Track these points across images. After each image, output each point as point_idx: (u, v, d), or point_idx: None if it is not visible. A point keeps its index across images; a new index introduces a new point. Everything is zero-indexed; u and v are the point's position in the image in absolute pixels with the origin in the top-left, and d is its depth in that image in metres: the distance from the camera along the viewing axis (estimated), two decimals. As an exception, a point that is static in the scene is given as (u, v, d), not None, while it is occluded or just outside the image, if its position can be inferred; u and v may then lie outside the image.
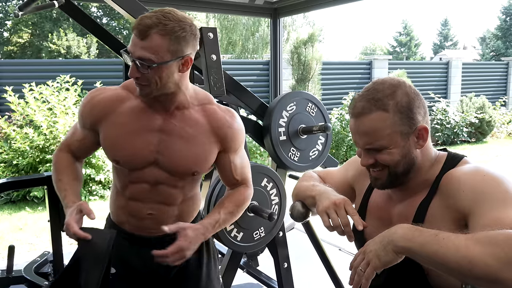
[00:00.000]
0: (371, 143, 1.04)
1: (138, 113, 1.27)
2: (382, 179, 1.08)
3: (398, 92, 1.02)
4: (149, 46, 1.13)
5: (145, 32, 1.13)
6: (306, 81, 8.07)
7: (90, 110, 1.30)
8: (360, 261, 0.96)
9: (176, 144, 1.28)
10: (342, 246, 3.45)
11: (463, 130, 9.64)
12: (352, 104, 1.06)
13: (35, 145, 5.23)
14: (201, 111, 1.31)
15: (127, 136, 1.27)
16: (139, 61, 1.14)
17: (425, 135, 1.04)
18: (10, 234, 4.23)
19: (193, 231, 1.23)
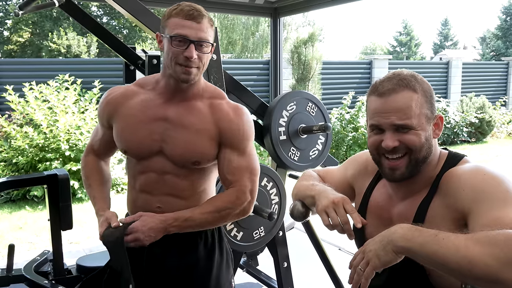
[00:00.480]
0: (403, 119, 1.01)
1: (146, 104, 1.34)
2: (401, 169, 1.04)
3: (419, 79, 1.06)
4: (205, 29, 1.26)
5: (200, 16, 1.24)
6: (306, 80, 8.07)
7: (104, 107, 1.40)
8: (359, 260, 0.96)
9: (178, 133, 1.32)
10: (342, 246, 3.45)
11: (463, 130, 9.64)
12: (376, 86, 1.06)
13: (35, 143, 5.24)
14: (208, 104, 1.35)
15: (134, 126, 1.34)
16: (202, 41, 1.25)
17: (441, 124, 1.07)
18: (10, 233, 4.23)
19: (150, 217, 1.27)
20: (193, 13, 1.23)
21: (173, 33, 1.23)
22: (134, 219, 1.28)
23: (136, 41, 19.95)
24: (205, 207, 1.33)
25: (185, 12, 1.23)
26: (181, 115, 1.32)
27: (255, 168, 1.38)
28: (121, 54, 2.66)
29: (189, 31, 1.23)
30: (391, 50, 35.17)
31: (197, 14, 1.24)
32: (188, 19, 1.23)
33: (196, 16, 1.24)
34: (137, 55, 2.69)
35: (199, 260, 1.38)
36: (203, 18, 1.25)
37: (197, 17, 1.24)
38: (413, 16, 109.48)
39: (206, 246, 1.40)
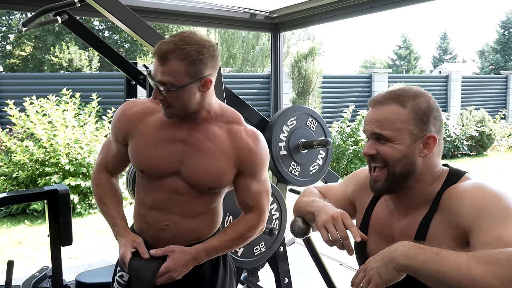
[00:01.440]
0: (381, 129, 1.05)
1: (164, 124, 1.32)
2: (381, 181, 1.08)
3: (421, 98, 1.05)
4: (168, 71, 1.19)
5: (164, 57, 1.19)
6: (307, 94, 8.10)
7: (121, 124, 1.36)
8: (361, 279, 0.95)
9: (196, 156, 1.31)
10: (343, 261, 3.42)
11: (464, 143, 9.65)
12: (372, 97, 1.10)
13: (35, 158, 5.24)
14: (226, 129, 1.34)
15: (152, 145, 1.32)
16: (160, 85, 1.21)
17: (432, 144, 1.04)
18: (9, 248, 4.21)
19: (182, 254, 1.29)
20: (157, 54, 1.20)
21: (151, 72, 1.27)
22: (165, 253, 1.29)
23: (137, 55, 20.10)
24: (230, 234, 1.37)
25: (155, 51, 1.22)
26: (199, 139, 1.31)
27: (269, 190, 1.44)
28: (122, 69, 2.69)
29: (154, 73, 1.23)
30: (391, 64, 35.37)
31: (161, 55, 1.19)
32: (157, 60, 1.21)
33: (160, 56, 1.20)
34: (138, 70, 2.71)
35: (205, 275, 1.40)
36: (166, 60, 1.19)
37: (160, 58, 1.20)
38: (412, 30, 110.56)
39: (211, 262, 1.42)
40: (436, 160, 1.08)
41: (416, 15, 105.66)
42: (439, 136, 1.06)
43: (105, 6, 1.81)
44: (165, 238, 1.34)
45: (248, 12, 3.40)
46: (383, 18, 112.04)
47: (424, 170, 1.07)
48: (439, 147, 1.07)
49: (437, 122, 1.06)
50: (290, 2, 3.16)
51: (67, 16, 2.41)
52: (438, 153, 1.08)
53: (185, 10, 3.06)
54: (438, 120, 1.06)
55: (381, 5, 2.68)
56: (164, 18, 3.16)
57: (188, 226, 1.35)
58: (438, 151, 1.08)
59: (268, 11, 3.44)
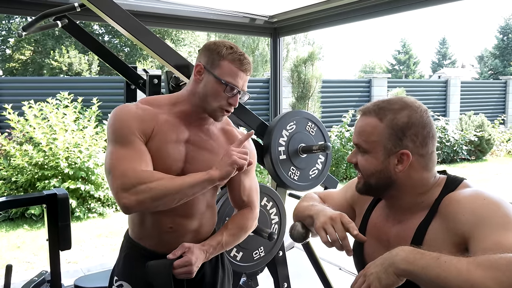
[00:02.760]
0: (359, 140, 1.10)
1: (171, 126, 1.34)
2: (360, 184, 1.14)
3: (404, 112, 1.05)
4: (247, 80, 1.37)
5: (250, 70, 1.34)
6: (306, 99, 8.12)
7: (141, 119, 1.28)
8: (360, 284, 0.95)
9: (202, 155, 1.36)
10: (342, 265, 3.42)
11: (463, 148, 9.66)
12: (365, 104, 1.13)
13: (34, 162, 5.23)
14: (221, 130, 1.44)
15: (166, 145, 1.32)
16: (245, 92, 1.36)
17: (405, 161, 1.04)
18: (7, 252, 4.19)
19: (198, 249, 1.33)
20: (247, 67, 1.32)
21: (227, 80, 1.30)
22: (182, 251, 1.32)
23: (137, 59, 20.14)
24: (231, 229, 1.43)
25: (241, 62, 1.31)
26: (203, 139, 1.38)
27: (258, 186, 1.54)
28: (122, 74, 2.69)
29: (240, 82, 1.32)
30: (390, 69, 35.47)
31: (249, 68, 1.33)
32: (242, 70, 1.31)
33: (248, 70, 1.33)
34: (138, 75, 2.72)
35: (205, 276, 1.44)
36: (251, 71, 1.35)
37: (248, 70, 1.33)
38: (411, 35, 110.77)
39: (211, 263, 1.45)
40: (421, 175, 1.07)
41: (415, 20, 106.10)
42: (423, 151, 1.05)
43: (105, 10, 1.82)
44: (167, 241, 1.35)
45: (248, 16, 3.41)
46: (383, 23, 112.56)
47: (406, 182, 1.07)
48: (425, 161, 1.06)
49: (417, 139, 1.04)
50: (290, 7, 3.17)
51: (67, 21, 2.42)
52: (425, 168, 1.07)
53: (185, 14, 3.08)
54: (419, 137, 1.04)
55: (381, 11, 2.69)
56: (164, 23, 3.18)
57: (190, 227, 1.38)
58: (424, 166, 1.06)
59: (268, 16, 3.46)
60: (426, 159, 1.06)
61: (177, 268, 1.29)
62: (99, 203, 5.57)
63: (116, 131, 1.26)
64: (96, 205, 5.52)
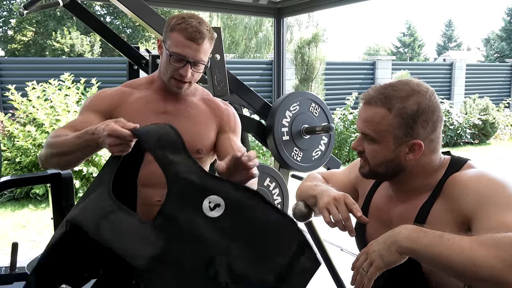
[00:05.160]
0: (366, 129, 1.07)
1: (146, 101, 1.41)
2: (365, 170, 1.12)
3: (412, 99, 1.02)
4: (204, 50, 1.33)
5: (201, 38, 1.31)
6: (309, 81, 8.07)
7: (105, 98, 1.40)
8: (362, 261, 0.95)
9: (181, 123, 1.37)
10: (344, 247, 3.44)
11: (466, 131, 9.61)
12: (368, 91, 1.09)
13: (38, 143, 5.25)
14: (201, 99, 1.49)
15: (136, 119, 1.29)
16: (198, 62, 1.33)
17: (417, 151, 1.03)
18: (13, 231, 4.25)
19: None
20: (195, 36, 1.30)
21: (173, 51, 1.32)
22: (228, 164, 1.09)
23: (139, 40, 19.99)
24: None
25: (188, 32, 1.29)
26: (181, 109, 1.43)
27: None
28: (124, 54, 2.67)
29: (188, 52, 1.31)
30: (395, 51, 35.07)
31: (199, 36, 1.30)
32: (190, 39, 1.30)
33: (197, 38, 1.30)
34: (141, 55, 2.70)
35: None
36: (204, 40, 1.31)
37: (198, 39, 1.30)
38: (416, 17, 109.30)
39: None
40: (430, 158, 1.07)
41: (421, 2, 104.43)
42: (431, 138, 1.05)
43: (107, -12, 1.79)
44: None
45: (251, -4, 3.36)
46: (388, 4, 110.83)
47: (415, 168, 1.07)
48: (434, 145, 1.06)
49: (428, 125, 1.03)
50: (294, -14, 3.13)
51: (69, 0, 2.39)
52: (433, 151, 1.07)
53: (187, -6, 3.04)
54: (429, 122, 1.03)
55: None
56: (167, 3, 3.14)
57: None
58: (432, 150, 1.06)
59: (272, -4, 3.41)
60: (435, 142, 1.06)
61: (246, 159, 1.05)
62: (102, 184, 5.60)
63: (82, 106, 1.43)
64: (100, 186, 5.55)
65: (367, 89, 1.10)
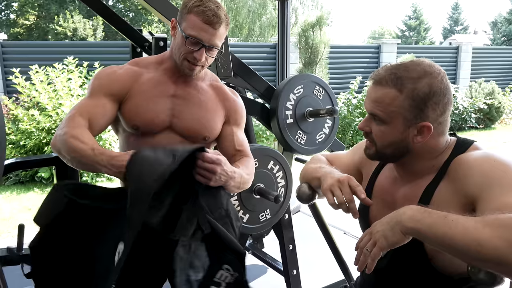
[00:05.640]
0: (375, 110, 1.05)
1: (155, 82, 1.39)
2: (371, 151, 1.11)
3: (424, 81, 1.01)
4: (220, 35, 1.32)
5: (219, 23, 1.29)
6: (314, 64, 8.00)
7: (116, 80, 1.36)
8: (366, 242, 0.96)
9: (190, 109, 1.39)
10: (347, 230, 3.47)
11: (471, 116, 9.55)
12: (375, 72, 1.07)
13: (41, 126, 5.26)
14: (210, 85, 1.47)
15: (148, 101, 1.36)
16: (213, 47, 1.31)
17: (426, 133, 1.03)
18: (19, 214, 4.29)
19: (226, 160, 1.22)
20: (213, 20, 1.28)
21: (189, 33, 1.29)
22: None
23: (142, 24, 19.83)
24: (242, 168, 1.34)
25: (206, 15, 1.27)
26: (190, 93, 1.41)
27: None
28: (127, 36, 2.65)
29: (205, 36, 1.29)
30: (400, 35, 34.68)
31: (216, 20, 1.28)
32: (207, 23, 1.28)
33: (215, 22, 1.28)
34: (144, 37, 2.68)
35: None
36: (221, 24, 1.30)
37: (215, 23, 1.28)
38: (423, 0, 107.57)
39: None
40: (437, 141, 1.06)
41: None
42: (440, 121, 1.04)
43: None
44: None
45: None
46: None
47: (422, 150, 1.06)
48: (442, 127, 1.05)
49: (438, 107, 1.02)
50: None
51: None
52: (441, 134, 1.06)
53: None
54: (440, 105, 1.02)
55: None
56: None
57: None
58: (440, 132, 1.06)
59: (276, -23, 3.35)
60: (443, 125, 1.05)
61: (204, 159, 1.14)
62: (107, 168, 5.63)
63: (90, 86, 1.37)
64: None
65: (377, 68, 1.08)
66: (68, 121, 1.25)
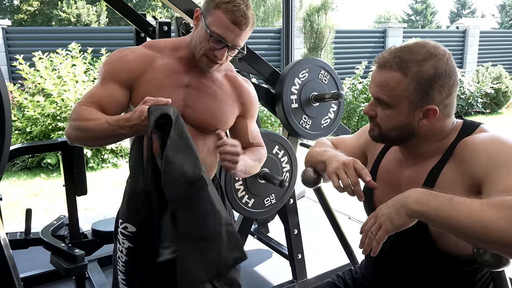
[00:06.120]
0: (380, 94, 1.04)
1: (169, 70, 1.33)
2: (375, 133, 1.11)
3: (429, 63, 0.99)
4: (244, 36, 1.29)
5: (246, 25, 1.26)
6: (319, 49, 7.92)
7: (126, 65, 1.31)
8: (371, 225, 0.96)
9: (204, 100, 1.35)
10: (352, 215, 3.48)
11: (478, 100, 9.46)
12: (379, 55, 1.06)
13: (47, 113, 5.28)
14: (225, 76, 1.42)
15: (158, 90, 1.30)
16: (235, 47, 1.28)
17: (431, 116, 1.02)
18: (26, 199, 4.34)
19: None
20: (241, 21, 1.24)
21: (214, 31, 1.24)
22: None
23: (146, 9, 19.69)
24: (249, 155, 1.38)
25: (235, 16, 1.23)
26: (205, 84, 1.36)
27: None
28: (131, 21, 2.63)
29: (229, 36, 1.25)
30: (406, 19, 34.19)
31: (244, 22, 1.25)
32: (234, 23, 1.24)
33: (242, 24, 1.25)
34: (148, 22, 2.66)
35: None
36: (248, 26, 1.27)
37: (242, 24, 1.25)
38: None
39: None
40: (443, 123, 1.05)
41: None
42: (446, 103, 1.02)
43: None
44: None
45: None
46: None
47: (427, 133, 1.05)
48: (448, 109, 1.04)
49: (444, 90, 1.00)
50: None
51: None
52: (447, 116, 1.05)
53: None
54: (446, 87, 1.00)
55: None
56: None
57: None
58: (446, 115, 1.04)
59: (281, -40, 3.30)
60: (449, 107, 1.04)
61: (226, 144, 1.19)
62: (112, 154, 5.65)
63: (101, 71, 1.34)
64: (110, 156, 5.60)
65: (379, 55, 1.06)
66: (78, 110, 1.26)
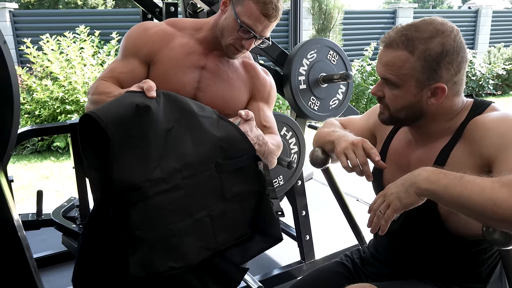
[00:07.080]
0: (387, 73, 1.02)
1: (188, 50, 1.34)
2: (385, 116, 1.10)
3: (436, 40, 0.97)
4: (272, 27, 1.30)
5: (275, 17, 1.27)
6: (327, 31, 7.82)
7: (146, 40, 1.32)
8: (380, 203, 0.96)
9: (217, 84, 1.35)
10: (360, 197, 3.48)
11: (489, 82, 9.31)
12: (388, 32, 1.04)
13: (55, 96, 5.30)
14: (242, 63, 1.43)
15: (176, 70, 1.31)
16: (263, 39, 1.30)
17: (440, 95, 1.00)
18: (37, 182, 4.40)
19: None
20: (272, 13, 1.25)
21: (243, 21, 1.25)
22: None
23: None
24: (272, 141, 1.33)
25: (266, 8, 1.24)
26: (220, 69, 1.36)
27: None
28: (138, 2, 2.62)
29: (258, 27, 1.26)
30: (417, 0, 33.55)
31: (274, 14, 1.26)
32: (265, 15, 1.25)
33: (272, 16, 1.26)
34: (155, 3, 2.64)
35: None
36: (277, 18, 1.28)
37: (272, 16, 1.26)
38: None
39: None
40: (452, 102, 1.03)
41: None
42: (455, 80, 1.00)
43: None
44: None
45: None
46: None
47: (436, 112, 1.04)
48: (457, 87, 1.02)
49: (452, 67, 0.98)
50: None
51: None
52: (456, 94, 1.03)
53: None
54: (454, 64, 0.98)
55: None
56: None
57: None
58: (455, 93, 1.03)
59: None
60: (458, 85, 1.02)
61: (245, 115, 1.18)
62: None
63: (122, 45, 1.34)
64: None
65: (385, 34, 1.05)
66: (96, 84, 1.28)
